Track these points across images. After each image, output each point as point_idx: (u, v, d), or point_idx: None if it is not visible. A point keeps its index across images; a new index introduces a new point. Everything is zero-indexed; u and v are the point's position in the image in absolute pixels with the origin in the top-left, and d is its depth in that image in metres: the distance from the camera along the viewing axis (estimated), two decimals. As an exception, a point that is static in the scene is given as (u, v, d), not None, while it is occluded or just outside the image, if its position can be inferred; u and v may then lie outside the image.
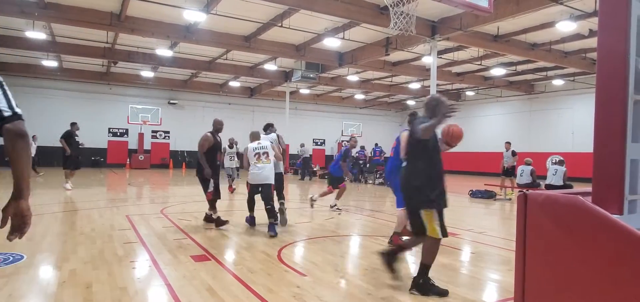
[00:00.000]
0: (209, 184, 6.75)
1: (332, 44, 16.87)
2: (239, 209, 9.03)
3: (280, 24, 14.24)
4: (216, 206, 6.89)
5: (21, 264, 4.30)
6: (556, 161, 11.86)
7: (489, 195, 12.71)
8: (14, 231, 1.65)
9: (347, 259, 5.18)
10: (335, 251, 5.37)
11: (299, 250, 5.45)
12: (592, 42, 15.69)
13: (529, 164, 12.11)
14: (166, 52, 18.73)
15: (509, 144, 13.86)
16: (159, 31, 15.19)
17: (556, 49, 16.82)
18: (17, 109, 1.65)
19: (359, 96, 31.08)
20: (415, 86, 25.70)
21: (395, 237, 5.51)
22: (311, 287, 3.80)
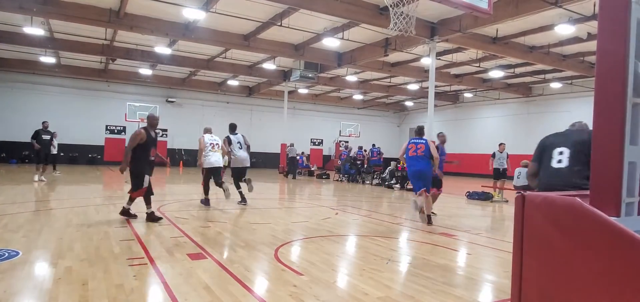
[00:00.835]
0: (143, 180, 6.70)
1: (331, 44, 16.88)
2: (240, 209, 9.02)
3: (279, 23, 14.24)
4: (151, 201, 6.91)
5: (16, 260, 4.28)
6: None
7: (485, 197, 12.73)
8: None
9: (344, 258, 5.18)
10: (332, 251, 5.37)
11: (296, 249, 5.45)
12: (591, 45, 15.75)
13: (525, 166, 12.10)
14: (165, 50, 18.70)
15: (503, 145, 13.87)
16: (158, 29, 15.17)
17: (554, 51, 16.88)
18: None
19: (358, 96, 31.10)
20: (413, 87, 25.75)
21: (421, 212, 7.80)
22: (308, 287, 3.79)
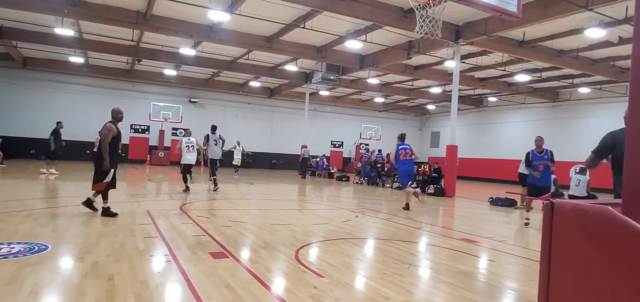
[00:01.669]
0: (107, 174, 6.96)
1: (353, 46, 16.85)
2: (256, 209, 9.09)
3: (302, 25, 14.31)
4: (108, 196, 7.05)
5: (46, 254, 4.42)
6: (578, 170, 11.25)
7: (509, 203, 12.45)
8: None
9: (365, 261, 5.15)
10: (352, 253, 5.35)
11: (316, 251, 5.45)
12: (622, 49, 15.25)
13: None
14: (189, 51, 19.04)
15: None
16: (183, 30, 15.46)
17: (584, 55, 16.41)
18: None
19: (379, 99, 30.94)
20: (436, 91, 25.45)
21: (404, 207, 10.22)
22: (329, 289, 3.78)
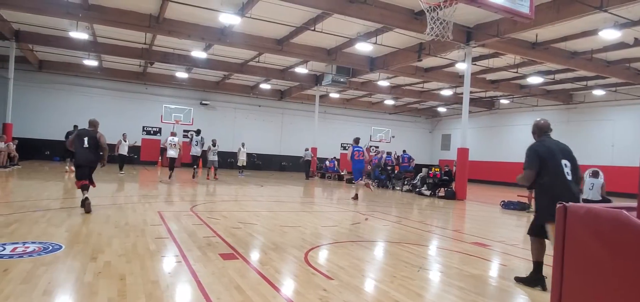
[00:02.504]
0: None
1: (363, 48, 16.84)
2: (266, 211, 9.12)
3: (312, 28, 14.34)
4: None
5: (59, 253, 4.48)
6: (591, 174, 10.98)
7: (521, 207, 12.30)
8: None
9: (374, 264, 5.13)
10: (362, 256, 5.33)
11: (326, 253, 5.44)
12: (638, 51, 15.01)
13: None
14: (200, 54, 19.21)
15: None
16: (195, 33, 15.61)
17: (598, 57, 16.16)
18: None
19: (389, 102, 30.84)
20: (447, 93, 25.28)
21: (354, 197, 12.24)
22: (338, 291, 3.78)
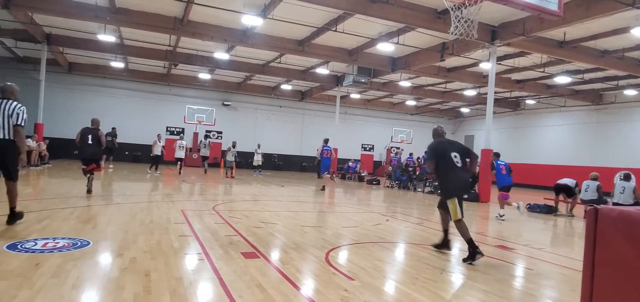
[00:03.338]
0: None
1: (385, 48, 16.73)
2: (286, 211, 9.16)
3: (334, 29, 14.33)
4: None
5: (87, 249, 4.61)
6: (623, 177, 10.64)
7: (548, 210, 11.97)
8: None
9: (396, 266, 5.08)
10: (383, 257, 5.29)
11: (346, 254, 5.42)
12: (672, 49, 14.40)
13: (595, 179, 11.25)
14: (223, 55, 19.46)
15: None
16: (218, 35, 15.83)
17: (630, 56, 15.60)
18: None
19: (411, 102, 30.54)
20: (470, 93, 24.86)
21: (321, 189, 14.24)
22: (359, 292, 3.75)
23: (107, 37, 17.16)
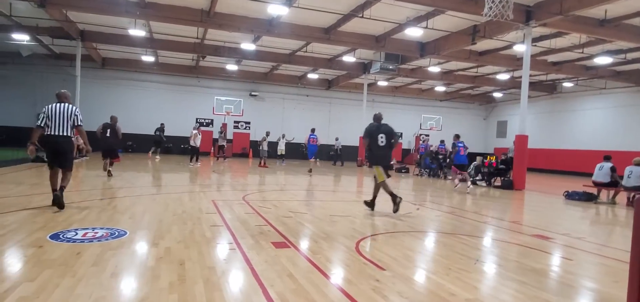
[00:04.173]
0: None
1: (413, 33, 16.38)
2: (316, 200, 9.16)
3: (360, 15, 14.13)
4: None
5: (124, 239, 4.76)
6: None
7: (587, 197, 11.48)
8: None
9: (428, 255, 4.99)
10: (414, 247, 5.21)
11: (377, 243, 5.37)
12: None
13: (639, 165, 10.70)
14: (249, 46, 19.58)
15: None
16: (244, 26, 15.92)
17: (677, 33, 14.65)
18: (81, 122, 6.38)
19: (440, 88, 29.88)
20: (503, 77, 24.08)
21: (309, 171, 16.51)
22: (391, 282, 3.71)
23: (138, 32, 17.58)
